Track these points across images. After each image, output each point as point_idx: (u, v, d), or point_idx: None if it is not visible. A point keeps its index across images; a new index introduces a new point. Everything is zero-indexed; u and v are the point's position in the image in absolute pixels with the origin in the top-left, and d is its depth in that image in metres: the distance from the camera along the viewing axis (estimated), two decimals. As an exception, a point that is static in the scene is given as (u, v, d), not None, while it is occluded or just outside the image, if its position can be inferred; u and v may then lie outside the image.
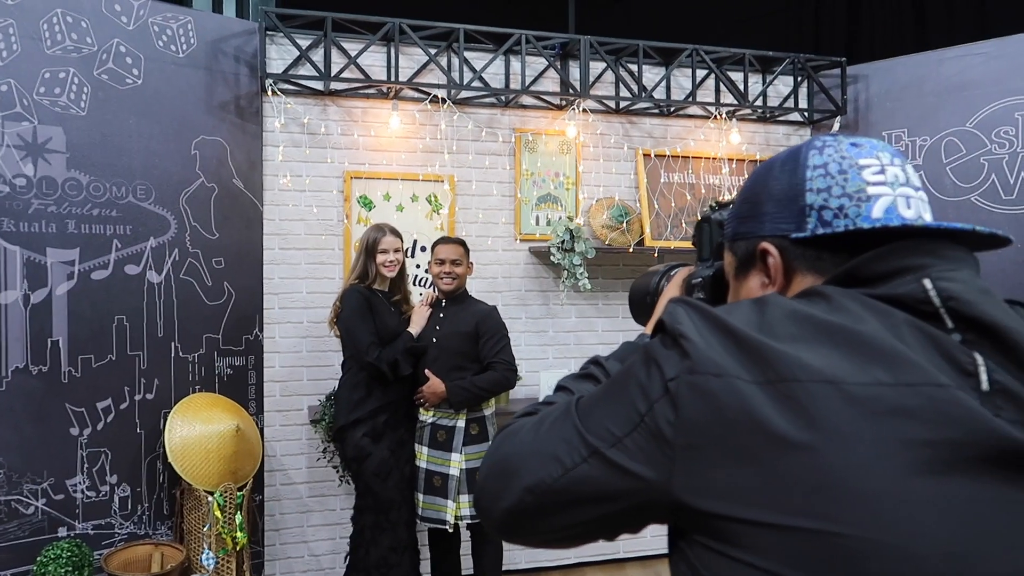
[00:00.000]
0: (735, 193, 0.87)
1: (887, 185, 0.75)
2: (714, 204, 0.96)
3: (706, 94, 4.27)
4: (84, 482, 3.23)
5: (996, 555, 0.58)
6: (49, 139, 3.16)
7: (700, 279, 0.93)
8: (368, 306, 3.13)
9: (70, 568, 2.97)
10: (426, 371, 3.21)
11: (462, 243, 3.37)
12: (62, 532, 3.17)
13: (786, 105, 4.32)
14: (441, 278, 3.29)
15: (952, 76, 4.01)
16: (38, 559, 2.98)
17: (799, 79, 4.32)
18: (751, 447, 0.62)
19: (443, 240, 3.39)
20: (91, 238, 3.25)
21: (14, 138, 3.08)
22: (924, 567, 0.58)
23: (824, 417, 0.60)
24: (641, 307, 1.07)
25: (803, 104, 4.39)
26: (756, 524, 0.61)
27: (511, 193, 4.08)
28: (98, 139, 3.27)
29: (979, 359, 0.63)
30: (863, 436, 0.59)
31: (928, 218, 0.76)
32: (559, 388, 0.87)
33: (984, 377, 0.62)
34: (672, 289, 0.98)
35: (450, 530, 3.23)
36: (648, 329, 0.94)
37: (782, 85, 4.41)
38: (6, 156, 3.07)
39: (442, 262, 3.29)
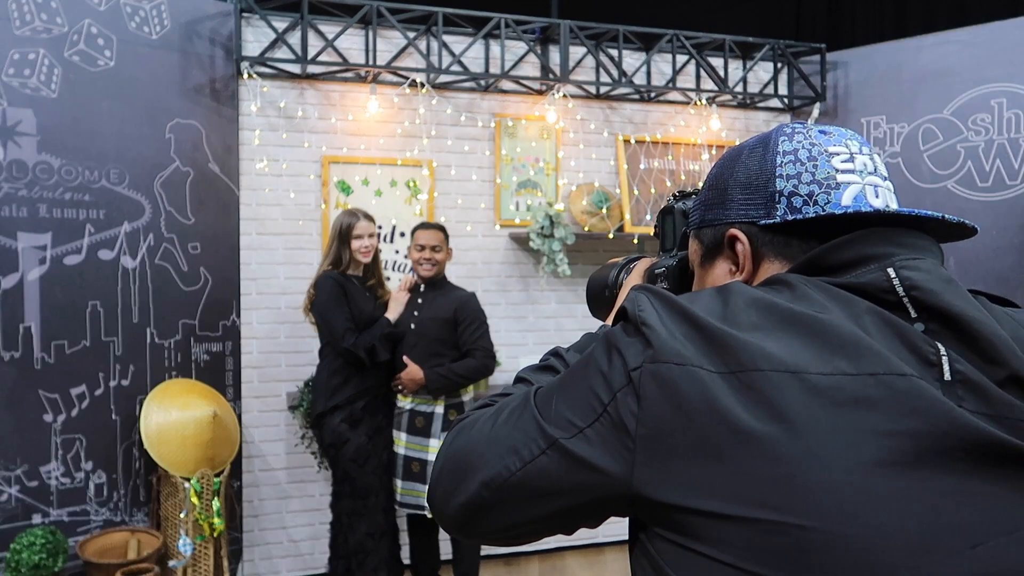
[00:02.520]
0: (700, 183, 0.87)
1: (856, 173, 0.74)
2: (676, 194, 0.95)
3: (686, 80, 4.27)
4: (59, 469, 3.20)
5: (959, 548, 0.58)
6: (19, 122, 3.10)
7: (664, 268, 0.91)
8: (343, 292, 3.11)
9: (44, 555, 2.95)
10: (404, 358, 3.21)
11: (442, 229, 3.36)
12: (36, 519, 3.14)
13: (766, 91, 4.33)
14: (421, 264, 3.28)
15: (930, 63, 4.03)
16: (12, 546, 2.96)
17: (779, 65, 4.32)
18: (712, 438, 0.61)
19: (423, 226, 3.37)
20: (63, 223, 3.20)
21: (-17, 120, 3.03)
22: (885, 559, 0.57)
23: (786, 407, 0.60)
24: (599, 300, 1.04)
25: (783, 90, 4.40)
26: (717, 516, 0.61)
27: (491, 179, 4.06)
28: (69, 122, 3.21)
29: (941, 349, 0.62)
30: (825, 426, 0.59)
31: (895, 207, 0.75)
32: (518, 380, 0.86)
33: (947, 367, 0.61)
34: (633, 279, 0.97)
35: (429, 516, 3.24)
36: (608, 321, 0.93)
37: (762, 71, 4.41)
38: (-25, 139, 3.01)
39: (422, 248, 3.28)
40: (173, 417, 3.27)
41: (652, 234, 0.99)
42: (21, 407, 3.11)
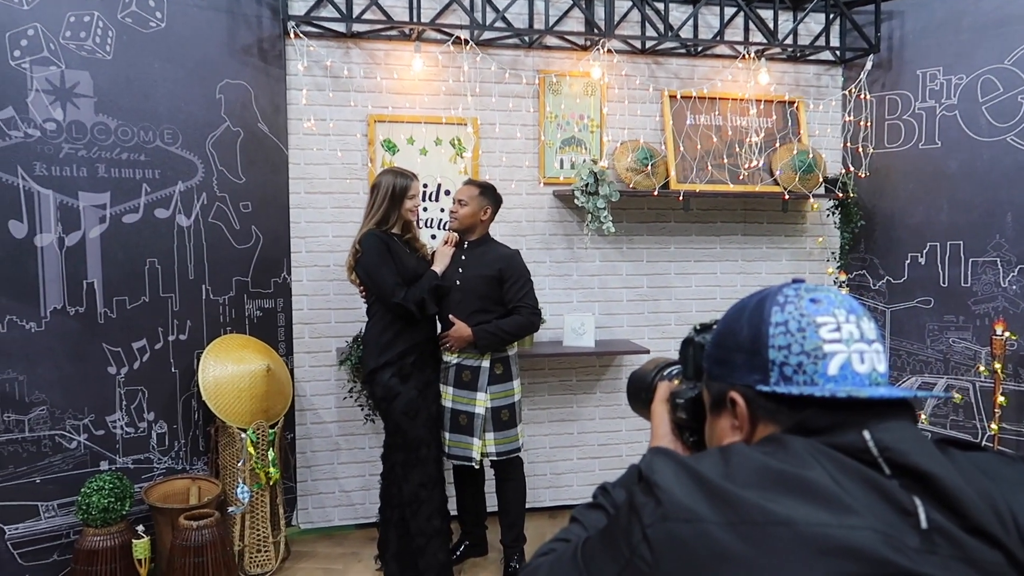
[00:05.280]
0: (718, 321, 0.96)
1: (842, 343, 0.83)
2: (698, 327, 1.02)
3: (735, 33, 4.17)
4: (123, 419, 3.35)
5: None
6: (77, 83, 3.19)
7: (683, 400, 1.01)
8: (387, 249, 3.16)
9: (113, 499, 3.10)
10: (450, 316, 3.26)
11: (474, 183, 3.39)
12: (104, 466, 3.31)
13: (817, 44, 4.21)
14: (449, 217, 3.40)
15: (990, 11, 3.87)
16: (82, 490, 3.12)
17: (831, 16, 4.20)
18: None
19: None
20: (121, 182, 3.30)
21: (43, 82, 3.12)
22: None
23: (778, 551, 0.69)
24: (637, 400, 1.14)
25: (835, 42, 4.28)
26: None
27: (535, 136, 4.05)
28: (124, 83, 3.29)
29: (917, 501, 0.71)
30: (812, 570, 0.68)
31: (881, 368, 0.84)
32: (572, 519, 0.97)
33: (923, 516, 0.71)
34: (659, 404, 1.06)
35: (476, 467, 3.31)
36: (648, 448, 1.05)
37: (813, 23, 4.29)
38: (36, 100, 3.11)
39: (453, 201, 3.36)
40: (229, 371, 3.38)
41: (678, 360, 1.07)
42: (86, 360, 3.25)
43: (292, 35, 3.68)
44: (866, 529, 0.69)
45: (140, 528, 3.18)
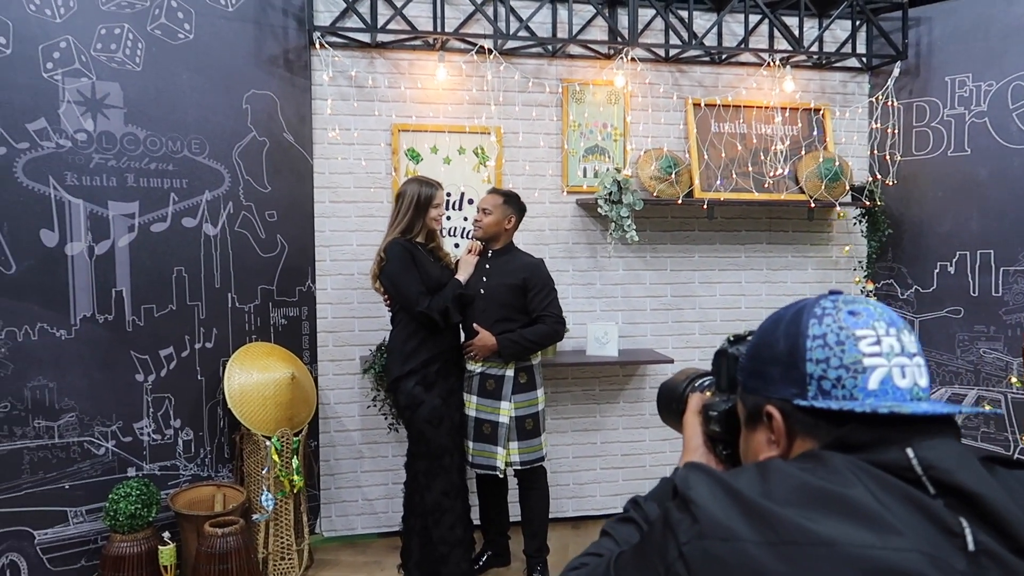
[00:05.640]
0: (750, 336, 0.94)
1: (882, 356, 0.80)
2: (731, 338, 1.00)
3: (759, 40, 4.15)
4: (150, 426, 3.38)
5: None
6: (107, 95, 3.24)
7: (717, 413, 0.99)
8: (412, 258, 3.17)
9: (139, 505, 3.13)
10: (474, 325, 3.26)
11: (498, 192, 3.39)
12: (131, 472, 3.34)
13: (843, 51, 4.18)
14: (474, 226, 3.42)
15: (1021, 17, 3.82)
16: (110, 496, 3.15)
17: (857, 23, 4.16)
18: None
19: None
20: (149, 191, 3.34)
21: (74, 94, 3.17)
22: None
23: (820, 573, 0.66)
24: (668, 411, 1.12)
25: (861, 49, 4.24)
26: None
27: (558, 145, 4.05)
28: (153, 94, 3.33)
29: (964, 522, 0.69)
30: None
31: (923, 383, 0.82)
32: (604, 533, 0.95)
33: (970, 538, 0.68)
34: (691, 416, 1.04)
35: (501, 475, 3.31)
36: (680, 462, 1.03)
37: (839, 30, 4.26)
38: (67, 112, 3.16)
39: (477, 210, 3.36)
40: (254, 378, 3.40)
41: (711, 371, 1.05)
42: (115, 367, 3.29)
43: (318, 45, 3.71)
44: (912, 551, 0.67)
45: (166, 535, 3.21)
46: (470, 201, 3.94)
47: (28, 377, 3.12)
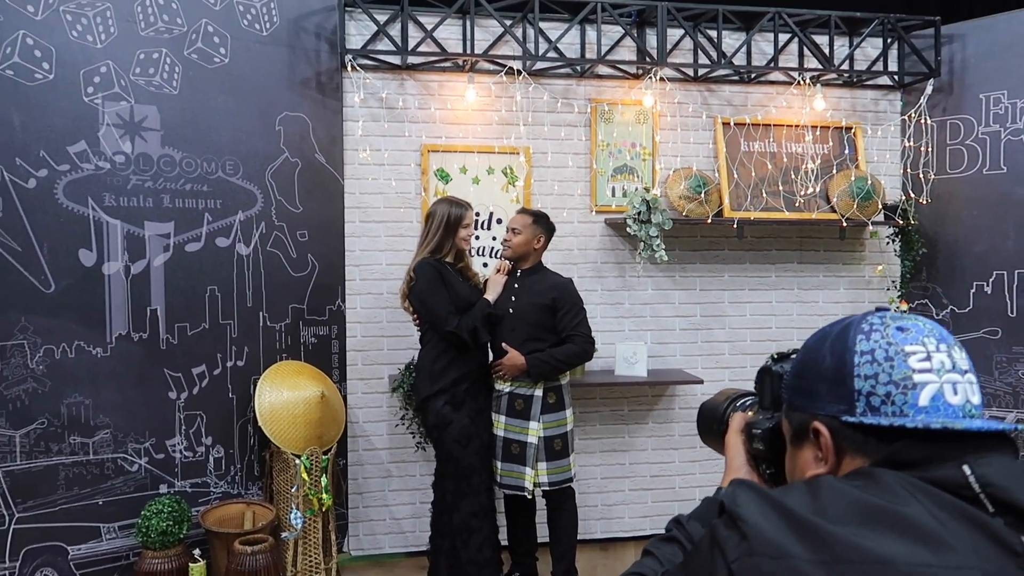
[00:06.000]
0: (794, 354, 0.94)
1: (933, 372, 0.78)
2: (775, 355, 0.99)
3: (789, 59, 4.13)
4: (182, 443, 3.42)
5: None
6: (145, 117, 3.31)
7: (760, 431, 0.98)
8: (441, 277, 3.18)
9: (171, 522, 3.16)
10: (503, 344, 3.26)
11: (527, 212, 3.41)
12: (163, 489, 3.37)
13: (875, 68, 4.14)
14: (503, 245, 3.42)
15: (1059, 33, 3.76)
16: (143, 512, 3.18)
17: (889, 41, 4.13)
18: None
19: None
20: (184, 212, 3.40)
21: (113, 117, 3.25)
22: None
23: None
24: (708, 432, 1.12)
25: (893, 67, 4.20)
26: None
27: (587, 164, 4.06)
28: (189, 117, 3.40)
29: None
30: None
31: (976, 400, 0.79)
32: (646, 553, 0.94)
33: None
34: (734, 436, 1.03)
35: (529, 496, 3.29)
36: (723, 481, 1.01)
37: (870, 48, 4.22)
38: (107, 134, 3.23)
39: (507, 229, 3.37)
40: (284, 397, 3.43)
41: (754, 390, 1.04)
42: (148, 384, 3.34)
43: (349, 68, 3.77)
44: (973, 570, 0.65)
45: (196, 552, 3.23)
46: (499, 221, 3.96)
47: (65, 394, 3.18)
